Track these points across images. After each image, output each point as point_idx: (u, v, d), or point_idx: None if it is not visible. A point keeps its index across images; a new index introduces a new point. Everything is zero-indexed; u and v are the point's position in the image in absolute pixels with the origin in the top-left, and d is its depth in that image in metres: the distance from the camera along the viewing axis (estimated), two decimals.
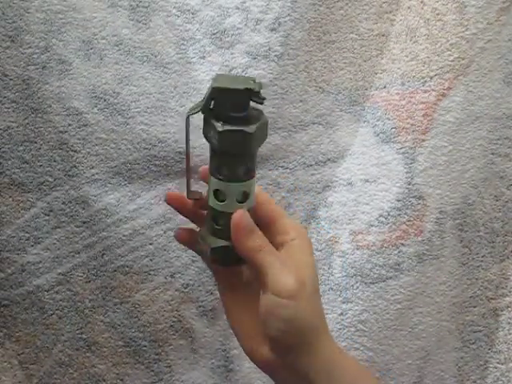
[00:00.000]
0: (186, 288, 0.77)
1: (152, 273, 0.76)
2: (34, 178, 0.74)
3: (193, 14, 0.74)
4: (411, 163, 0.74)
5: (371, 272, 0.75)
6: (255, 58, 0.74)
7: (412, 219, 0.74)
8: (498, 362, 0.79)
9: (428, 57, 0.74)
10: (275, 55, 0.74)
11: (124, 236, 0.75)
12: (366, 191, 0.76)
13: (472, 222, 0.77)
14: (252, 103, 0.53)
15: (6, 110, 0.73)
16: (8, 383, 0.77)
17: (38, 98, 0.73)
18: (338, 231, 0.76)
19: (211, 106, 0.53)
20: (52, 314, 0.76)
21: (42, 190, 0.75)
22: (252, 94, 0.52)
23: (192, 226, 0.59)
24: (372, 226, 0.75)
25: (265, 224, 0.56)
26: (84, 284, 0.76)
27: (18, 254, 0.75)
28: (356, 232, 0.76)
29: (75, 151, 0.74)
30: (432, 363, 0.78)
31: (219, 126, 0.52)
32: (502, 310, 0.79)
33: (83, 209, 0.75)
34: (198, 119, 0.75)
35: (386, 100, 0.75)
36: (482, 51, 0.73)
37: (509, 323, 0.79)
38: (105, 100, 0.73)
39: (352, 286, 0.75)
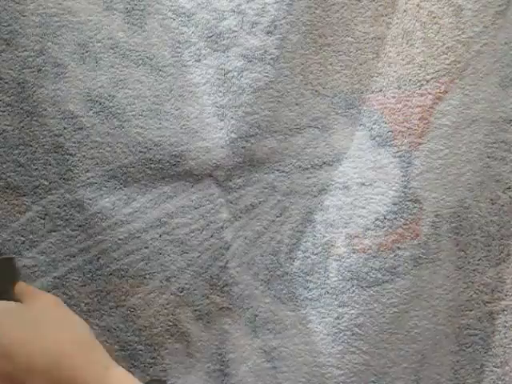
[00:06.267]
0: (181, 292, 0.76)
1: (147, 276, 0.75)
2: (30, 182, 0.74)
3: (188, 16, 0.74)
4: (407, 167, 0.74)
5: (367, 275, 0.75)
6: (251, 61, 0.74)
7: (408, 223, 0.74)
8: (494, 366, 0.79)
9: (424, 60, 0.74)
10: (271, 58, 0.74)
11: (119, 240, 0.75)
12: (362, 195, 0.76)
13: (468, 226, 0.77)
14: None
15: (1, 113, 0.73)
16: None
17: (33, 101, 0.72)
18: (334, 235, 0.76)
19: None
20: None
21: (38, 193, 0.74)
22: None
23: None
24: (368, 229, 0.75)
25: None
26: (79, 288, 0.76)
27: None
28: (352, 236, 0.75)
29: (70, 154, 0.74)
30: (428, 367, 0.78)
31: None
32: (498, 314, 0.79)
33: (78, 212, 0.75)
34: (194, 122, 0.75)
35: (382, 103, 0.75)
36: (478, 54, 0.73)
37: (505, 326, 0.79)
38: (100, 103, 0.73)
39: (348, 289, 0.75)
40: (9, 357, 0.52)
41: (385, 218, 0.74)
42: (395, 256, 0.74)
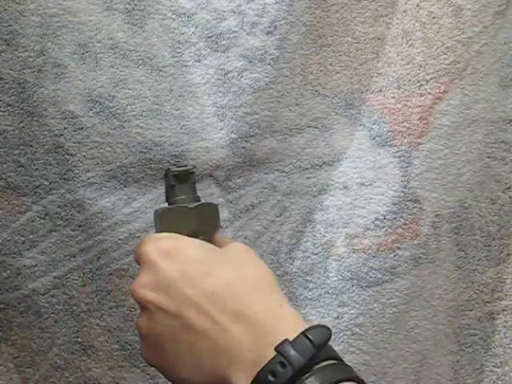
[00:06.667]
0: None
1: None
2: (30, 182, 0.74)
3: (188, 17, 0.74)
4: (407, 167, 0.74)
5: (367, 275, 0.75)
6: (251, 62, 0.74)
7: (408, 223, 0.74)
8: (494, 366, 0.79)
9: (424, 60, 0.74)
10: (271, 58, 0.74)
11: (120, 239, 0.75)
12: (361, 195, 0.76)
13: (468, 226, 0.77)
14: None
15: (1, 113, 0.73)
16: None
17: (34, 101, 0.73)
18: (333, 235, 0.76)
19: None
20: (48, 318, 0.76)
21: (38, 193, 0.75)
22: None
23: None
24: (368, 229, 0.75)
25: None
26: (80, 287, 0.76)
27: (13, 258, 0.75)
28: (352, 235, 0.76)
29: (71, 155, 0.74)
30: (428, 367, 0.78)
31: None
32: (497, 314, 0.79)
33: (79, 212, 0.75)
34: (194, 122, 0.75)
35: (382, 103, 0.75)
36: (478, 54, 0.73)
37: (505, 327, 0.79)
38: (100, 103, 0.73)
39: (348, 289, 0.75)
40: (191, 283, 0.55)
41: (384, 218, 0.74)
42: (395, 256, 0.74)
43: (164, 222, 0.60)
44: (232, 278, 0.55)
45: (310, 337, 0.50)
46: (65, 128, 0.73)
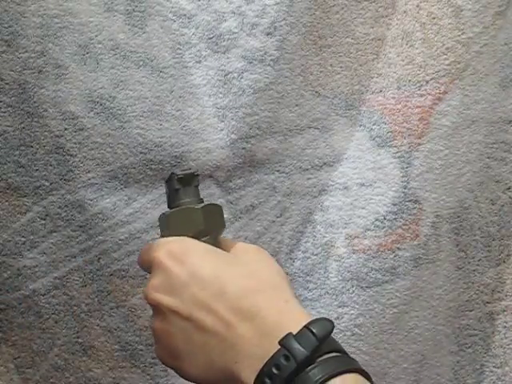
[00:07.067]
0: None
1: (148, 276, 0.75)
2: (30, 183, 0.74)
3: (189, 18, 0.74)
4: (407, 167, 0.74)
5: (367, 276, 0.75)
6: (251, 63, 0.74)
7: (408, 223, 0.74)
8: (494, 366, 0.79)
9: (424, 61, 0.74)
10: (271, 59, 0.74)
11: (120, 240, 0.75)
12: (361, 195, 0.76)
13: (468, 226, 0.77)
14: None
15: (2, 114, 0.73)
16: None
17: (34, 102, 0.73)
18: (334, 235, 0.76)
19: None
20: (48, 318, 0.76)
21: (38, 194, 0.75)
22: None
23: None
24: (368, 230, 0.75)
25: None
26: (80, 288, 0.76)
27: (14, 258, 0.75)
28: (352, 236, 0.76)
29: (71, 155, 0.74)
30: (428, 367, 0.78)
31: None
32: (498, 314, 0.79)
33: (79, 213, 0.75)
34: (194, 123, 0.75)
35: (382, 104, 0.75)
36: (478, 55, 0.73)
37: (505, 327, 0.79)
38: (101, 104, 0.73)
39: (348, 290, 0.75)
40: (201, 285, 0.56)
41: (384, 219, 0.74)
42: (395, 256, 0.74)
43: (171, 225, 0.61)
44: (239, 278, 0.56)
45: (313, 329, 0.51)
46: (65, 129, 0.73)
